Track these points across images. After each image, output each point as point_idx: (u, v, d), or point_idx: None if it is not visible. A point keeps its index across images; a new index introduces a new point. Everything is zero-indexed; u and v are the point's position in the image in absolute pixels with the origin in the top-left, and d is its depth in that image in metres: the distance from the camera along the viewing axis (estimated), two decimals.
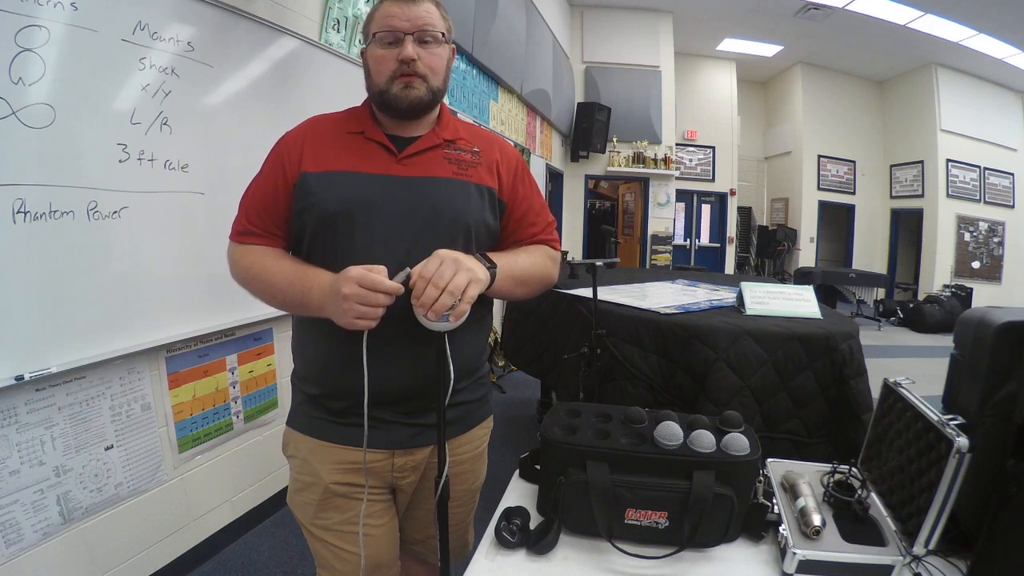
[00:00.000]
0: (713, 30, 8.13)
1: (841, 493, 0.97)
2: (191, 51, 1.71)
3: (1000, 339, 0.87)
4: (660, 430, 0.94)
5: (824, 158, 9.43)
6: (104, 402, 1.58)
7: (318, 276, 0.87)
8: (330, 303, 0.83)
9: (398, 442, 0.96)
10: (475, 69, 4.20)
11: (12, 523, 1.37)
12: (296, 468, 1.01)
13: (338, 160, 0.92)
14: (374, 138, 0.94)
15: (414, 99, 0.91)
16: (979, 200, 8.70)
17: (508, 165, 1.03)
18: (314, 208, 0.91)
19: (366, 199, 0.90)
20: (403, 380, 0.93)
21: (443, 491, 0.92)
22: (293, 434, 1.01)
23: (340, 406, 0.95)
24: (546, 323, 2.42)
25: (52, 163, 1.35)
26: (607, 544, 0.88)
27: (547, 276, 1.06)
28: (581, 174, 7.92)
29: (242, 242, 0.96)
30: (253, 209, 0.95)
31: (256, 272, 0.93)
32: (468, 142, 1.00)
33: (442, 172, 0.95)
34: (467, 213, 0.95)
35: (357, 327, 0.82)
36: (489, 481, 1.19)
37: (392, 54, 0.90)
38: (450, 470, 1.01)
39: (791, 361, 1.61)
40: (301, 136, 0.96)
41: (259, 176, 0.97)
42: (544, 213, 1.09)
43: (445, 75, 0.96)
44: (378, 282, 0.79)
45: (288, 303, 0.92)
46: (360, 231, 0.90)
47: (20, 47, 1.26)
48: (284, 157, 0.94)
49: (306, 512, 1.00)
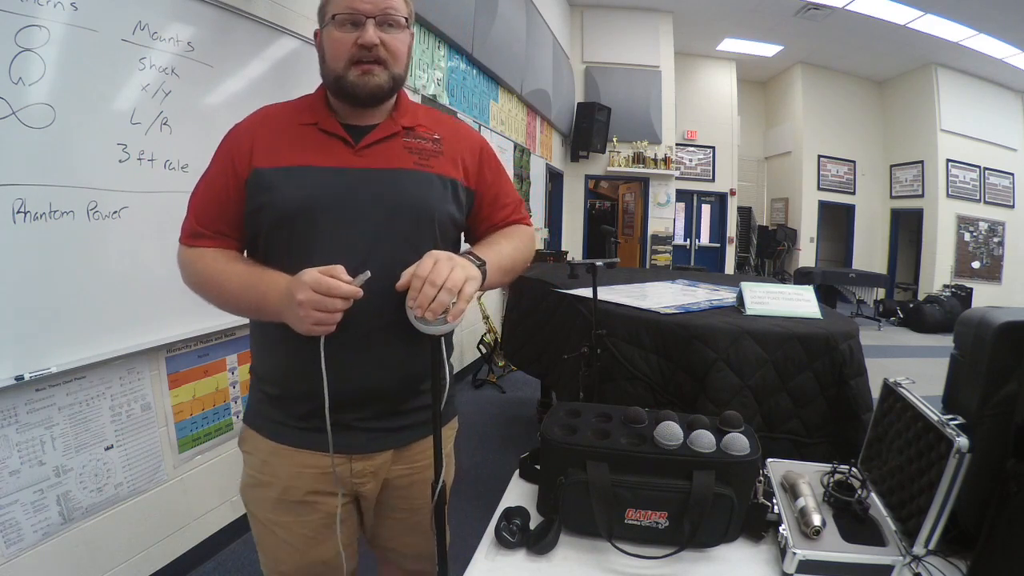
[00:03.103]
0: (713, 30, 8.13)
1: (841, 493, 0.97)
2: (191, 51, 1.71)
3: (1000, 339, 0.87)
4: (660, 430, 0.94)
5: (824, 158, 9.44)
6: (104, 402, 1.58)
7: (274, 280, 0.83)
8: (286, 309, 0.80)
9: (357, 446, 0.93)
10: (475, 69, 4.20)
11: (12, 523, 1.37)
12: (253, 466, 0.97)
13: (292, 154, 0.87)
14: (329, 129, 0.89)
15: (374, 87, 0.86)
16: (979, 200, 8.70)
17: (472, 152, 0.99)
18: (269, 207, 0.86)
19: (323, 195, 0.86)
20: (366, 383, 0.90)
21: (439, 496, 0.91)
22: (251, 433, 0.97)
23: (302, 410, 0.91)
24: (546, 323, 2.42)
25: (52, 163, 1.35)
26: (607, 544, 0.88)
27: (528, 257, 1.05)
28: (581, 174, 7.93)
29: (192, 245, 0.90)
30: (202, 210, 0.90)
31: (208, 277, 0.88)
32: (428, 129, 0.95)
33: (402, 163, 0.91)
34: (431, 206, 0.91)
35: (315, 333, 0.79)
36: (489, 481, 1.19)
37: (351, 38, 0.84)
38: (415, 476, 1.00)
39: (791, 361, 1.61)
40: (251, 128, 0.90)
41: (207, 173, 0.91)
42: (512, 192, 1.07)
43: (406, 62, 0.91)
44: (334, 286, 0.76)
45: (243, 309, 0.88)
46: (318, 229, 0.85)
47: (20, 47, 1.26)
48: (234, 152, 0.88)
49: (261, 506, 0.97)
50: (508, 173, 1.21)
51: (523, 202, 1.09)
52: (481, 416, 3.61)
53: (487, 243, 0.99)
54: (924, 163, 8.69)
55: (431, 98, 3.41)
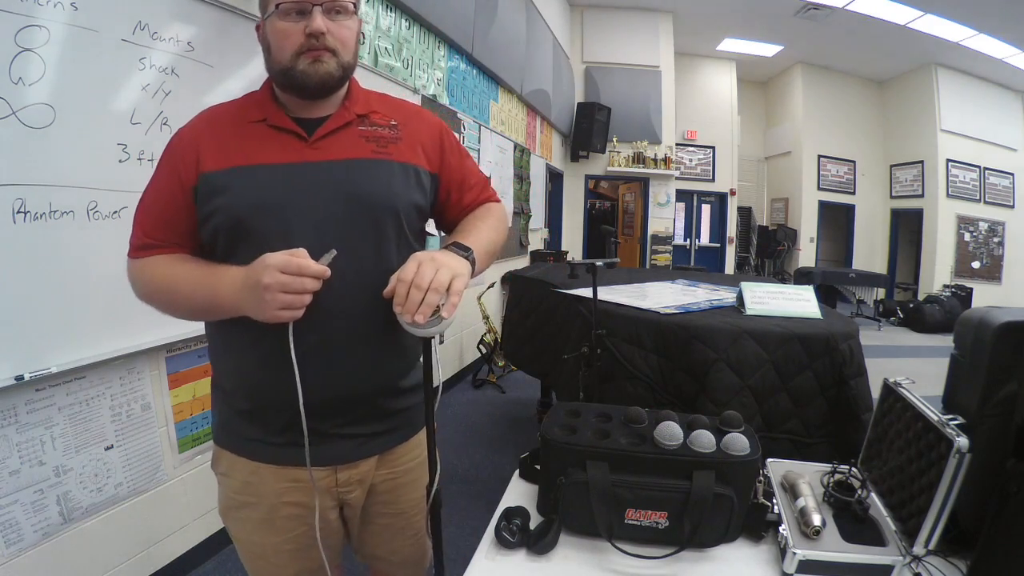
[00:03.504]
0: (713, 30, 8.13)
1: (841, 493, 0.97)
2: (191, 51, 1.71)
3: (1000, 339, 0.87)
4: (660, 430, 0.94)
5: (824, 158, 9.44)
6: (104, 402, 1.58)
7: (227, 272, 0.79)
8: (246, 298, 0.76)
9: (341, 456, 0.90)
10: (475, 69, 4.20)
11: (12, 523, 1.37)
12: (233, 488, 0.92)
13: (242, 153, 0.83)
14: (279, 124, 0.85)
15: (324, 75, 0.82)
16: (979, 200, 8.70)
17: (431, 135, 0.96)
18: (222, 210, 0.81)
19: (279, 192, 0.82)
20: (341, 387, 0.86)
21: (435, 499, 0.91)
22: (226, 454, 0.92)
23: (278, 423, 0.87)
24: (546, 323, 2.42)
25: (52, 163, 1.35)
26: (607, 544, 0.88)
27: (505, 235, 1.04)
28: (581, 174, 7.93)
29: (141, 257, 0.85)
30: (149, 221, 0.85)
31: (158, 283, 0.84)
32: (384, 115, 0.92)
33: (360, 152, 0.87)
34: (393, 195, 0.87)
35: (282, 319, 0.75)
36: (489, 481, 1.19)
37: (297, 28, 0.80)
38: (398, 479, 0.98)
39: (791, 361, 1.61)
40: (195, 132, 0.85)
41: (152, 183, 0.86)
42: (477, 172, 1.04)
43: (356, 49, 0.87)
44: (304, 266, 0.73)
45: (196, 308, 0.84)
46: (277, 228, 0.81)
47: (20, 47, 1.26)
48: (178, 159, 0.83)
49: (244, 527, 0.93)
50: (472, 154, 1.19)
51: (489, 180, 1.07)
52: (481, 416, 3.61)
53: (465, 230, 0.96)
54: (924, 163, 8.69)
55: (431, 98, 3.41)
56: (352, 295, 0.83)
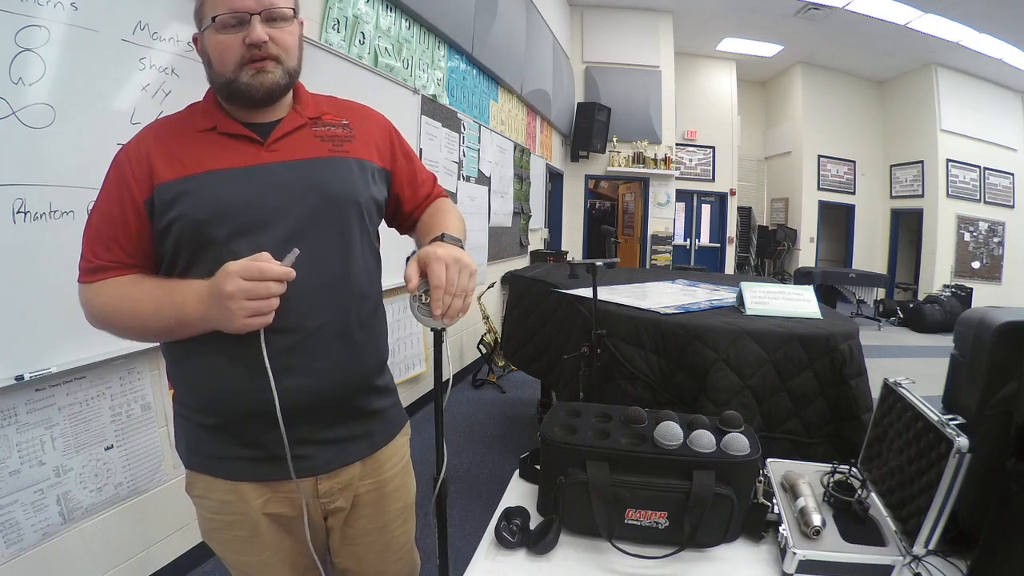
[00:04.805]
0: (713, 30, 8.13)
1: (841, 493, 0.97)
2: (191, 51, 1.70)
3: (1000, 339, 0.87)
4: (660, 430, 0.94)
5: (824, 158, 9.44)
6: (104, 402, 1.58)
7: (190, 286, 0.77)
8: (212, 310, 0.74)
9: (322, 466, 0.88)
10: (475, 69, 4.20)
11: (12, 523, 1.37)
12: (211, 509, 0.88)
13: (198, 161, 0.80)
14: (230, 131, 0.83)
15: (270, 85, 0.80)
16: (979, 200, 8.70)
17: (382, 133, 0.97)
18: (180, 219, 0.78)
19: (238, 197, 0.79)
20: (313, 389, 0.83)
21: (441, 488, 0.91)
22: (199, 477, 0.88)
23: (249, 436, 0.83)
24: (546, 323, 2.42)
25: (52, 163, 1.35)
26: (607, 544, 0.88)
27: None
28: (581, 174, 7.93)
29: (92, 281, 0.81)
30: (100, 242, 0.81)
31: (115, 305, 0.80)
32: (335, 116, 0.91)
33: (318, 152, 0.86)
34: (355, 191, 0.87)
35: (252, 327, 0.74)
36: (489, 481, 1.18)
37: (237, 39, 0.77)
38: (383, 488, 0.97)
39: (791, 361, 1.61)
40: (143, 146, 0.81)
41: (100, 202, 0.82)
42: (424, 168, 1.06)
43: (299, 53, 0.86)
44: (265, 269, 0.71)
45: (161, 328, 0.79)
46: (242, 233, 0.78)
47: (20, 47, 1.26)
48: (127, 174, 0.79)
49: (229, 548, 0.90)
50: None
51: (436, 176, 1.09)
52: (481, 416, 3.61)
53: (439, 223, 0.95)
54: (924, 163, 8.69)
55: (431, 98, 3.41)
56: (321, 293, 0.83)
